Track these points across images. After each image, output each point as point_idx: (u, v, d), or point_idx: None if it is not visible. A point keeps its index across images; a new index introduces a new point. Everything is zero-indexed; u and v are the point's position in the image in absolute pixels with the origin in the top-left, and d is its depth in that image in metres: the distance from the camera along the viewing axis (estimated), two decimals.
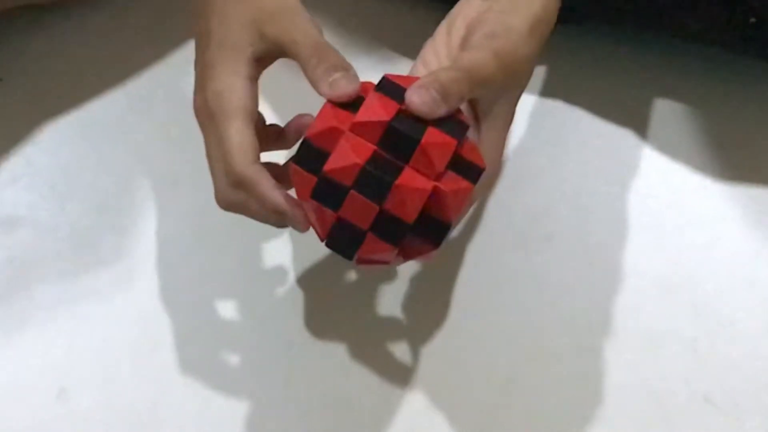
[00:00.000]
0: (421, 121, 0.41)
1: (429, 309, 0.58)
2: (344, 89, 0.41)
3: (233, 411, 0.55)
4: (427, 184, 0.40)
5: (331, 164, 0.40)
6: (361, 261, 0.43)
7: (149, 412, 0.54)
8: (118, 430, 0.53)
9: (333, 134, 0.40)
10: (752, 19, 0.56)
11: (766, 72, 0.64)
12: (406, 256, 0.44)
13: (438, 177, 0.41)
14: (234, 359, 0.56)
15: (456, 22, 0.48)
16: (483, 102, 0.46)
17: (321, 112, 0.41)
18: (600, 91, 0.66)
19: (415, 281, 0.59)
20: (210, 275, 0.59)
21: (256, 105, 0.48)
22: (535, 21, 0.46)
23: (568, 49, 0.66)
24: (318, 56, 0.43)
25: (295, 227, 0.44)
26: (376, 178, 0.40)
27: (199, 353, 0.56)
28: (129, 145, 0.63)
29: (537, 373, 0.55)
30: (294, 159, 0.41)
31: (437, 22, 0.50)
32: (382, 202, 0.40)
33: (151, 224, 0.60)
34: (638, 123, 0.65)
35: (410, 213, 0.40)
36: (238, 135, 0.44)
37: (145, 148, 0.64)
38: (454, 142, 0.41)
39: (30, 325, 0.56)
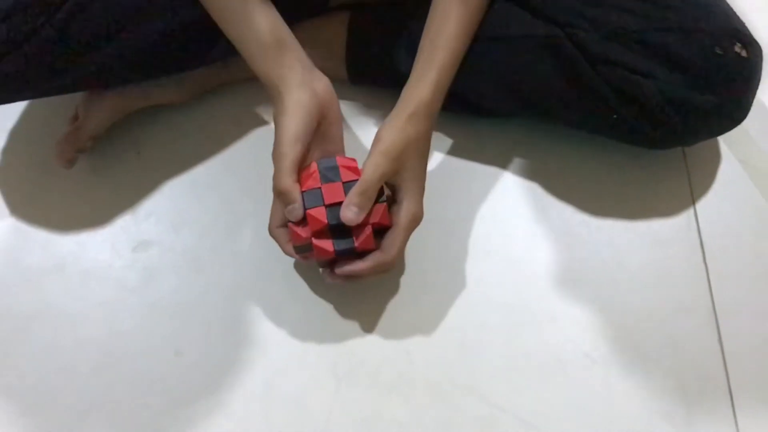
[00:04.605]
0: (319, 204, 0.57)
1: (409, 297, 0.66)
2: (295, 216, 0.55)
3: (296, 363, 0.63)
4: (306, 234, 0.57)
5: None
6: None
7: (241, 367, 0.62)
8: (220, 380, 0.61)
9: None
10: (614, 116, 0.65)
11: (623, 147, 0.71)
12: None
13: (315, 235, 0.57)
14: (293, 332, 0.65)
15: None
16: (394, 180, 0.57)
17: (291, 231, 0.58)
18: (522, 159, 0.74)
19: (402, 280, 0.67)
20: (272, 276, 0.67)
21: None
22: (408, 115, 0.56)
23: (497, 130, 0.74)
24: (280, 199, 0.56)
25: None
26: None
27: (268, 327, 0.65)
28: (221, 194, 0.72)
29: (476, 339, 0.64)
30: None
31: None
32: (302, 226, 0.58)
33: (237, 245, 0.68)
34: (542, 178, 0.74)
35: (297, 240, 0.58)
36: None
37: (232, 197, 0.72)
38: (326, 223, 0.56)
39: (156, 309, 0.66)
